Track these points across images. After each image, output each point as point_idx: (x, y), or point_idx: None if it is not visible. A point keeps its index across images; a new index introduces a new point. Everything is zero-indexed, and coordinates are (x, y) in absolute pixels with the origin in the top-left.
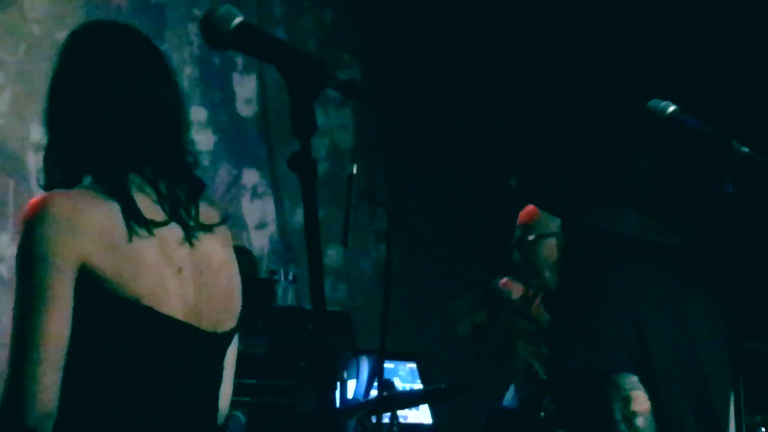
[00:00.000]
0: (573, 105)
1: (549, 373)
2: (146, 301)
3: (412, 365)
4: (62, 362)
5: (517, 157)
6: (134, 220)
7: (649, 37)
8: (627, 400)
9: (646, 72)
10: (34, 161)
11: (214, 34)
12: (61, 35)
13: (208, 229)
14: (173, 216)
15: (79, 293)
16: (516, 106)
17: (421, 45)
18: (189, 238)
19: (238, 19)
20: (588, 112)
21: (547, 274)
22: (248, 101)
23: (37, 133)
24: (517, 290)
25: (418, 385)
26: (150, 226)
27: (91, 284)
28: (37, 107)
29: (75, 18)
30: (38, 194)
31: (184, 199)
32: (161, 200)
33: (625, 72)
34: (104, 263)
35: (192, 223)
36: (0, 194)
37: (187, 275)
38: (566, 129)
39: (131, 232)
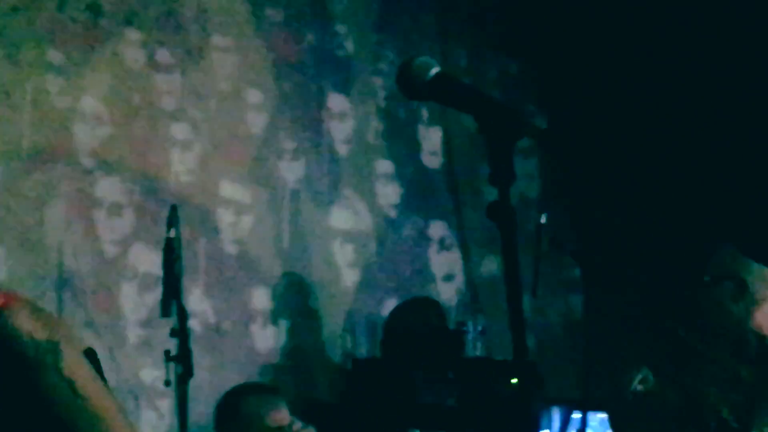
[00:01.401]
0: None
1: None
2: None
3: (603, 416)
4: None
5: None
6: None
7: None
8: None
9: None
10: (223, 217)
11: (412, 85)
12: (249, 93)
13: None
14: None
15: None
16: (707, 150)
17: (606, 93)
18: None
19: (434, 70)
20: None
21: None
22: (434, 153)
23: (226, 190)
24: None
25: None
26: None
27: None
28: (225, 163)
29: (262, 75)
30: (228, 251)
31: None
32: None
33: None
34: None
35: None
36: (190, 250)
37: None
38: None
39: None
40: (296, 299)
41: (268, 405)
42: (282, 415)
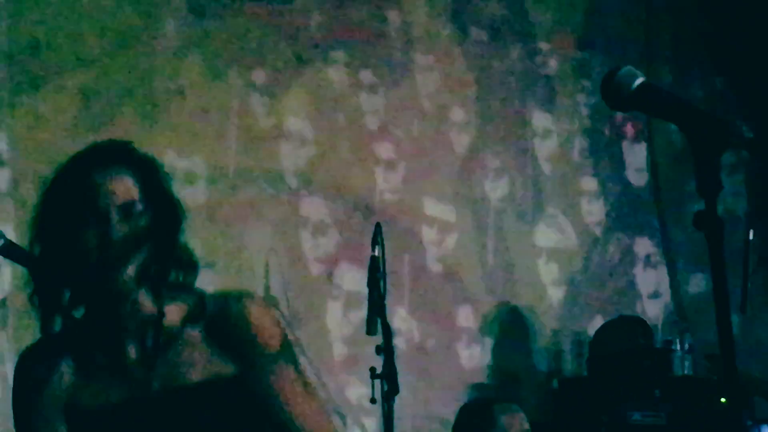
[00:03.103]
0: None
1: None
2: None
3: None
4: None
5: None
6: None
7: None
8: None
9: None
10: (428, 235)
11: (616, 95)
12: (453, 111)
13: None
14: None
15: None
16: None
17: None
18: None
19: (639, 80)
20: None
21: None
22: (639, 170)
23: (430, 208)
24: None
25: None
26: None
27: None
28: (429, 182)
29: (466, 94)
30: (433, 269)
31: None
32: None
33: None
34: None
35: None
36: (395, 268)
37: None
38: None
39: None
40: (501, 317)
41: (511, 412)
42: (522, 420)
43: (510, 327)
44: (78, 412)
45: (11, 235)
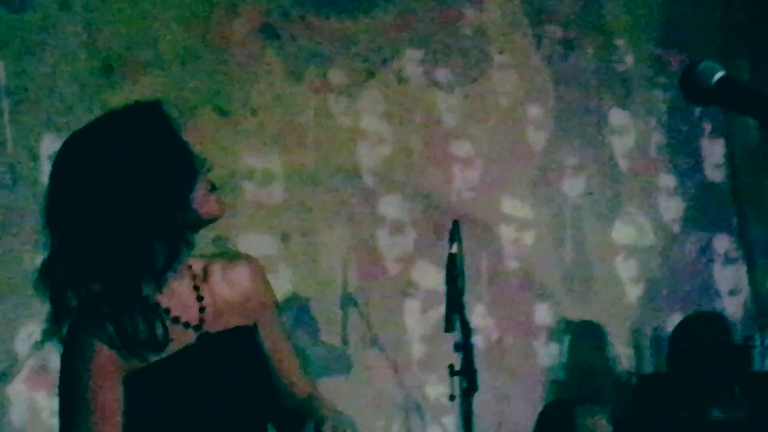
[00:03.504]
0: None
1: None
2: None
3: None
4: None
5: None
6: None
7: None
8: None
9: None
10: (505, 233)
11: (695, 89)
12: (529, 108)
13: None
14: None
15: None
16: None
17: None
18: None
19: (719, 74)
20: None
21: None
22: (717, 166)
23: (507, 206)
24: None
25: None
26: None
27: None
28: (506, 180)
29: (542, 91)
30: (511, 266)
31: None
32: None
33: None
34: None
35: None
36: (472, 266)
37: None
38: None
39: None
40: (579, 315)
41: (593, 414)
42: (604, 424)
43: (588, 324)
44: (134, 372)
45: None
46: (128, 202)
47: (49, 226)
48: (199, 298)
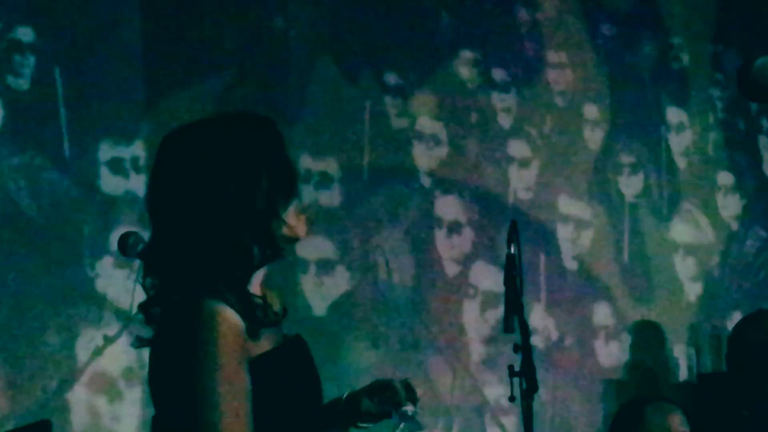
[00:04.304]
0: None
1: None
2: None
3: None
4: None
5: None
6: None
7: None
8: None
9: None
10: (563, 232)
11: (753, 86)
12: (586, 108)
13: None
14: None
15: None
16: None
17: None
18: None
19: None
20: None
21: None
22: None
23: (565, 205)
24: None
25: None
26: None
27: None
28: (563, 179)
29: (598, 90)
30: (569, 266)
31: None
32: None
33: None
34: None
35: None
36: (530, 266)
37: None
38: None
39: None
40: (638, 314)
41: (669, 414)
42: (680, 422)
43: (647, 323)
44: (256, 358)
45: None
46: (233, 205)
47: (152, 215)
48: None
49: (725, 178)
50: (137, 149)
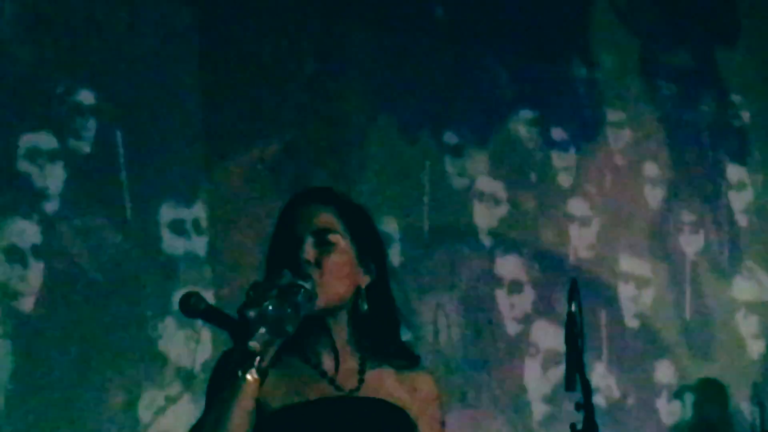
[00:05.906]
0: None
1: None
2: None
3: None
4: None
5: None
6: None
7: None
8: None
9: None
10: (624, 291)
11: None
12: (645, 166)
13: None
14: None
15: None
16: None
17: None
18: None
19: None
20: None
21: None
22: None
23: (625, 263)
24: None
25: None
26: None
27: None
28: (624, 237)
29: (658, 148)
30: (630, 324)
31: None
32: None
33: None
34: None
35: None
36: (592, 324)
37: None
38: None
39: None
40: (701, 372)
41: None
42: None
43: (710, 381)
44: (269, 410)
45: (211, 300)
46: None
47: None
48: (362, 366)
49: None
50: (198, 210)
